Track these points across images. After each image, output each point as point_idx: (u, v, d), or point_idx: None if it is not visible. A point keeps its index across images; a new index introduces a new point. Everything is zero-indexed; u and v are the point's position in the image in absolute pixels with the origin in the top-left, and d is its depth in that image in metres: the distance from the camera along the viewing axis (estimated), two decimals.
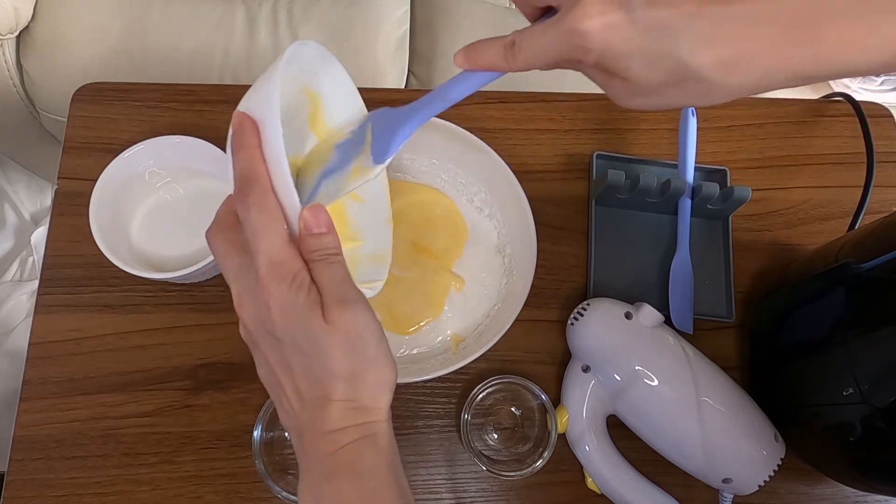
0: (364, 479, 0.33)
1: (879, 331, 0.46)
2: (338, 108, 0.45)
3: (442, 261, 0.59)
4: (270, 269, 0.32)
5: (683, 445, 0.51)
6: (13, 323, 1.14)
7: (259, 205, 0.33)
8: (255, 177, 0.33)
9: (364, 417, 0.34)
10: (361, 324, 0.33)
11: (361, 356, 0.33)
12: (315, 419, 0.33)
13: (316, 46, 0.40)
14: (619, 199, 0.62)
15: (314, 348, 0.32)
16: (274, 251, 0.32)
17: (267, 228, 0.32)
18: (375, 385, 0.34)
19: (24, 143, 1.10)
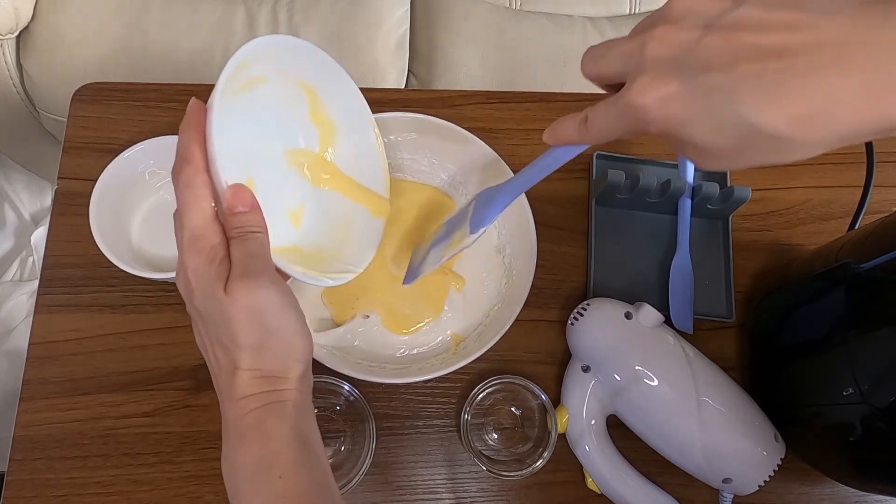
0: (266, 443, 0.35)
1: (879, 331, 0.46)
2: (335, 100, 0.48)
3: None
4: (190, 243, 0.35)
5: (683, 445, 0.51)
6: (13, 323, 1.14)
7: (187, 182, 0.35)
8: (187, 157, 0.35)
9: (270, 385, 0.35)
10: (261, 297, 0.34)
11: (263, 328, 0.34)
12: (228, 385, 0.36)
13: (299, 42, 0.43)
14: (619, 199, 0.62)
15: (221, 319, 0.34)
16: (195, 226, 0.35)
17: (192, 205, 0.35)
18: (281, 356, 0.36)
19: (24, 143, 1.10)
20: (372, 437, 0.52)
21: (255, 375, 0.35)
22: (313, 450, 0.36)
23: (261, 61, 0.41)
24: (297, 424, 0.36)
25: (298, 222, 0.49)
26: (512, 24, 1.01)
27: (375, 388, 0.55)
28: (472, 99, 0.66)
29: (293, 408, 0.36)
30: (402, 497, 0.54)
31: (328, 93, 0.48)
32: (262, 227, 0.37)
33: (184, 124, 0.36)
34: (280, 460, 0.35)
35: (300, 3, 0.97)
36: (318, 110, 0.48)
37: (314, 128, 0.49)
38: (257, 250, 0.36)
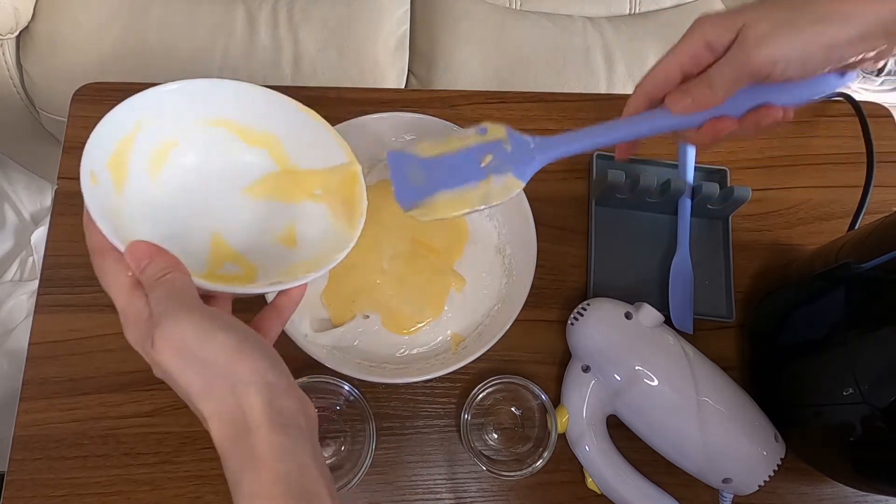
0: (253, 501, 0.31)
1: (879, 331, 0.46)
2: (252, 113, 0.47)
3: (443, 258, 0.58)
4: (123, 321, 0.35)
5: (683, 445, 0.51)
6: (13, 323, 1.14)
7: (101, 268, 0.37)
8: (91, 247, 0.37)
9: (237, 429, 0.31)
10: (177, 332, 0.32)
11: (197, 366, 0.32)
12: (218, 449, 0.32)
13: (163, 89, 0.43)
14: (619, 199, 0.62)
15: (167, 376, 0.33)
16: (121, 304, 0.36)
17: (113, 285, 0.36)
18: (229, 385, 0.32)
19: (24, 143, 1.10)
20: (372, 437, 0.52)
21: (219, 421, 0.32)
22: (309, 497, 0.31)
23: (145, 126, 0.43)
24: (280, 471, 0.31)
25: (293, 243, 0.49)
26: (512, 24, 1.01)
27: (375, 388, 0.55)
28: (472, 99, 0.66)
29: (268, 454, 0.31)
30: (402, 497, 0.54)
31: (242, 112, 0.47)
32: (170, 265, 0.35)
33: (84, 221, 0.37)
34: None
35: (300, 3, 0.97)
36: (248, 134, 0.48)
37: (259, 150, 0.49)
38: (165, 292, 0.34)
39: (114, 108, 0.41)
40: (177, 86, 0.43)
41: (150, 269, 0.35)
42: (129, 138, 0.42)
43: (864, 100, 0.67)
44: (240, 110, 0.47)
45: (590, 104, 0.67)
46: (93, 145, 0.39)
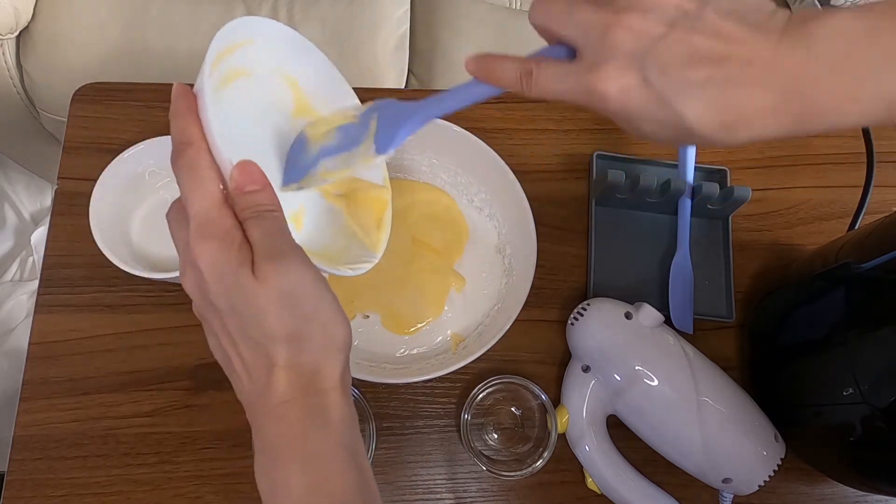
0: (313, 462, 0.31)
1: (879, 331, 0.46)
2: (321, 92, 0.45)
3: (443, 258, 0.59)
4: (200, 229, 0.31)
5: (683, 445, 0.51)
6: (13, 323, 1.14)
7: (189, 166, 0.32)
8: (186, 139, 0.32)
9: (311, 385, 0.31)
10: (296, 278, 0.31)
11: (299, 313, 0.31)
12: (261, 392, 0.32)
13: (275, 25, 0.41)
14: (619, 199, 0.62)
15: (249, 309, 0.30)
16: (203, 211, 0.31)
17: (197, 189, 0.31)
18: (321, 346, 0.32)
19: (24, 143, 1.10)
20: (372, 437, 0.52)
21: (292, 374, 0.31)
22: (363, 468, 0.33)
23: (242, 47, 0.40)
24: (346, 439, 0.32)
25: (299, 225, 0.48)
26: (512, 24, 1.01)
27: (375, 388, 0.55)
28: None
29: (339, 417, 0.32)
30: (402, 497, 0.54)
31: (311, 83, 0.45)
32: (277, 206, 0.33)
33: (174, 111, 0.33)
34: (331, 485, 0.31)
35: (300, 3, 0.97)
36: (302, 104, 0.46)
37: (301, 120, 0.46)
38: (278, 229, 0.32)
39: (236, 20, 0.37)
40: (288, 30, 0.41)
41: (259, 196, 0.32)
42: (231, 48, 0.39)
43: None
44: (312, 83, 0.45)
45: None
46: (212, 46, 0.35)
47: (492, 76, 0.34)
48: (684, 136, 0.31)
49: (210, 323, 0.33)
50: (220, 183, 0.32)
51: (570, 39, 0.32)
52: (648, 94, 0.30)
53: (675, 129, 0.30)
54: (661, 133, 0.31)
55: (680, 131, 0.30)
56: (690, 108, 0.29)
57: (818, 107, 0.28)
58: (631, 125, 0.32)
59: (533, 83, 0.33)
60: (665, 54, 0.29)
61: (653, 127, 0.31)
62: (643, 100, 0.30)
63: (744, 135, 0.30)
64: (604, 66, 0.30)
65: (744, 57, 0.29)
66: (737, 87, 0.29)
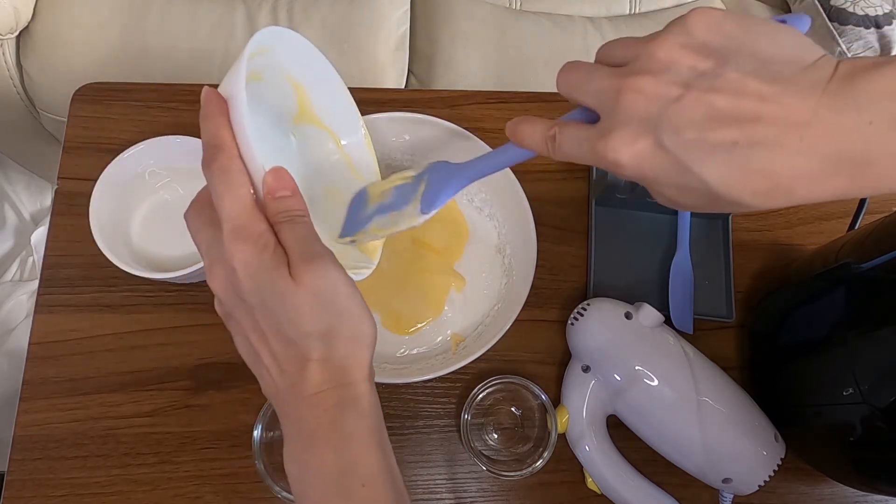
0: (345, 445, 0.33)
1: (879, 331, 0.46)
2: (323, 97, 0.46)
3: (443, 258, 0.59)
4: (234, 232, 0.32)
5: (683, 445, 0.51)
6: (13, 323, 1.14)
7: (222, 169, 0.33)
8: (218, 143, 0.33)
9: (343, 378, 0.33)
10: (331, 279, 0.33)
11: (333, 311, 0.33)
12: (294, 384, 0.33)
13: (295, 36, 0.42)
14: (619, 199, 0.62)
15: (284, 308, 0.32)
16: (236, 214, 0.32)
17: (230, 193, 0.33)
18: (351, 340, 0.34)
19: (24, 143, 1.10)
20: None
21: (326, 366, 0.33)
22: (390, 456, 0.35)
23: (261, 54, 0.40)
24: (375, 425, 0.34)
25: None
26: (512, 24, 1.01)
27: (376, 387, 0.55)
28: (472, 99, 0.66)
29: (369, 406, 0.34)
30: None
31: (316, 90, 0.46)
32: (306, 211, 0.34)
33: (205, 114, 0.34)
34: (361, 467, 0.33)
35: (300, 4, 0.97)
36: (306, 110, 0.47)
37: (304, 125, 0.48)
38: (310, 233, 0.34)
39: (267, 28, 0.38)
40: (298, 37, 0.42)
41: (290, 202, 0.34)
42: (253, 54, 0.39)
43: None
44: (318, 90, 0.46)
45: None
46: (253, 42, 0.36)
47: (522, 140, 0.35)
48: (713, 203, 0.29)
49: (238, 320, 0.34)
50: (251, 187, 0.34)
51: (591, 106, 0.32)
52: (664, 159, 0.28)
53: (700, 194, 0.29)
54: (688, 199, 0.30)
55: (706, 197, 0.28)
56: (714, 173, 0.27)
57: (878, 171, 0.26)
58: (653, 188, 0.31)
59: (556, 147, 0.33)
60: (679, 117, 0.28)
61: (676, 193, 0.30)
62: (659, 165, 0.29)
63: (783, 200, 0.27)
64: (614, 133, 0.29)
65: (776, 118, 0.26)
66: (770, 151, 0.26)
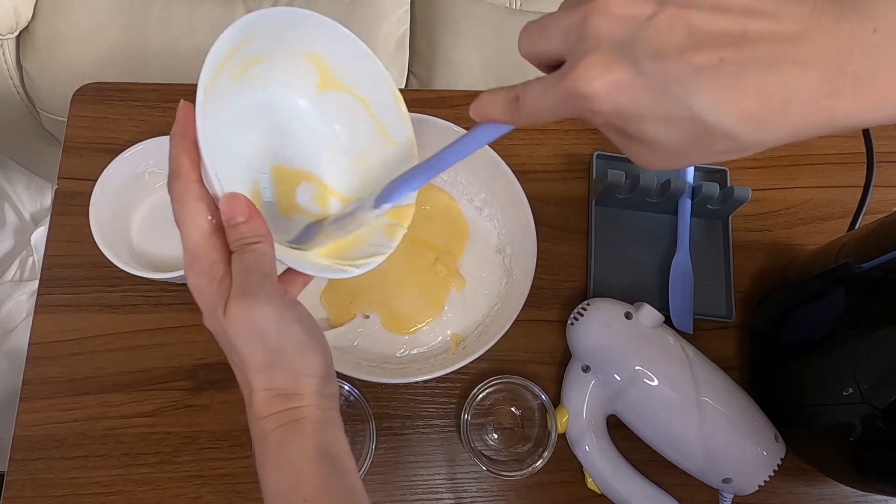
0: (288, 465, 0.34)
1: (879, 331, 0.46)
2: (347, 63, 0.44)
3: (443, 258, 0.58)
4: (190, 263, 0.33)
5: (683, 445, 0.51)
6: (13, 323, 1.14)
7: (178, 198, 0.33)
8: (176, 170, 0.33)
9: (286, 404, 0.34)
10: (258, 316, 0.32)
11: (265, 348, 0.33)
12: (248, 405, 0.35)
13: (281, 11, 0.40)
14: (619, 199, 0.62)
15: (227, 341, 0.33)
16: (193, 246, 0.33)
17: (186, 221, 0.33)
18: (290, 373, 0.34)
19: (24, 143, 1.10)
20: (372, 437, 0.52)
21: (269, 395, 0.34)
22: (340, 465, 0.35)
23: (253, 41, 0.39)
24: (320, 441, 0.34)
25: (325, 204, 0.47)
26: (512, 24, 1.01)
27: (375, 388, 0.55)
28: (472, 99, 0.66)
29: (312, 425, 0.34)
30: (402, 497, 0.54)
31: (334, 56, 0.44)
32: (262, 235, 0.34)
33: (173, 133, 0.34)
34: (303, 483, 0.33)
35: (299, 3, 0.97)
36: (328, 77, 0.45)
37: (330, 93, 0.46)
38: (254, 263, 0.33)
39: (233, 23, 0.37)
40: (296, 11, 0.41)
41: (243, 229, 0.33)
42: (235, 49, 0.39)
43: None
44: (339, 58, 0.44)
45: None
46: (209, 58, 0.36)
47: (483, 112, 0.32)
48: (700, 137, 0.25)
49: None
50: (210, 213, 0.34)
51: (556, 52, 0.28)
52: (644, 87, 0.25)
53: (685, 127, 0.25)
54: (671, 135, 0.26)
55: (692, 129, 0.25)
56: (701, 97, 0.24)
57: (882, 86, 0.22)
58: (630, 129, 0.26)
59: (521, 107, 0.30)
60: (657, 38, 0.24)
61: (657, 128, 0.26)
62: (638, 95, 0.25)
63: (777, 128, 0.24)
64: (583, 60, 0.25)
65: (765, 32, 0.23)
66: (761, 68, 0.23)
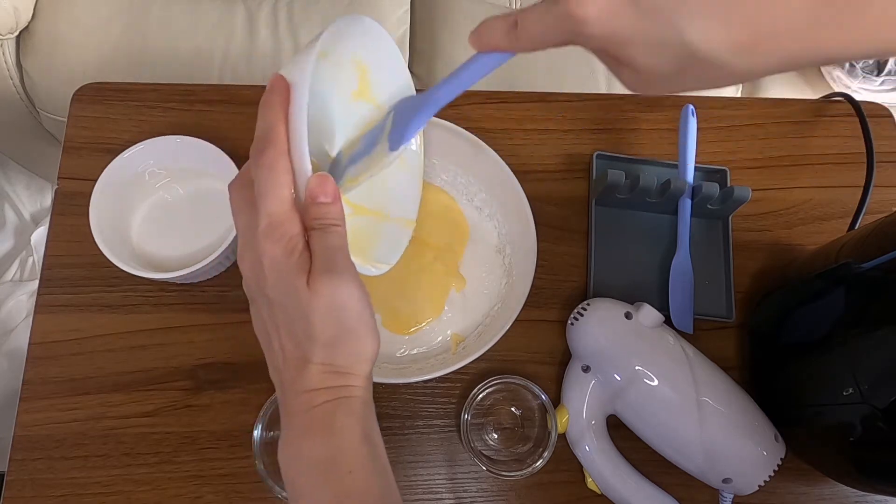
0: (335, 437, 0.34)
1: (879, 331, 0.46)
2: (384, 82, 0.45)
3: (443, 258, 0.58)
4: (268, 230, 0.33)
5: (683, 445, 0.51)
6: (13, 323, 1.14)
7: (269, 166, 0.33)
8: (271, 138, 0.33)
9: (340, 381, 0.35)
10: (345, 294, 0.33)
11: (341, 325, 0.34)
12: (294, 379, 0.34)
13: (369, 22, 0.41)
14: (619, 199, 0.62)
15: (298, 311, 0.33)
16: (274, 212, 0.33)
17: (272, 190, 0.33)
18: (353, 354, 0.35)
19: (24, 143, 1.10)
20: None
21: (325, 370, 0.34)
22: (379, 450, 0.36)
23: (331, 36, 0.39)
24: (366, 422, 0.35)
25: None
26: None
27: (375, 388, 0.55)
28: (472, 99, 0.66)
29: (362, 405, 0.35)
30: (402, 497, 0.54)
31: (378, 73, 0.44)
32: (342, 221, 0.35)
33: (266, 102, 0.34)
34: (349, 457, 0.34)
35: (300, 3, 0.97)
36: (365, 90, 0.45)
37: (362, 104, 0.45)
38: (339, 244, 0.34)
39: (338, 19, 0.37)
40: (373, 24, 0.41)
41: (329, 210, 0.34)
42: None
43: (864, 100, 0.67)
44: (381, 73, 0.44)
45: (590, 104, 0.67)
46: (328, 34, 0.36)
47: (483, 41, 0.32)
48: (690, 63, 0.26)
49: (259, 306, 0.36)
50: (293, 187, 0.34)
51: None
52: (637, 12, 0.25)
53: (675, 54, 0.25)
54: (660, 62, 0.26)
55: (681, 57, 0.25)
56: (693, 26, 0.24)
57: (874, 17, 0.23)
58: (622, 54, 0.27)
59: (520, 32, 0.30)
60: None
61: (648, 54, 0.26)
62: (632, 19, 0.25)
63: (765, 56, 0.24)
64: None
65: None
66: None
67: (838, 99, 0.69)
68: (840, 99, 0.69)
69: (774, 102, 0.70)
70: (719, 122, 0.68)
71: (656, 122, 0.67)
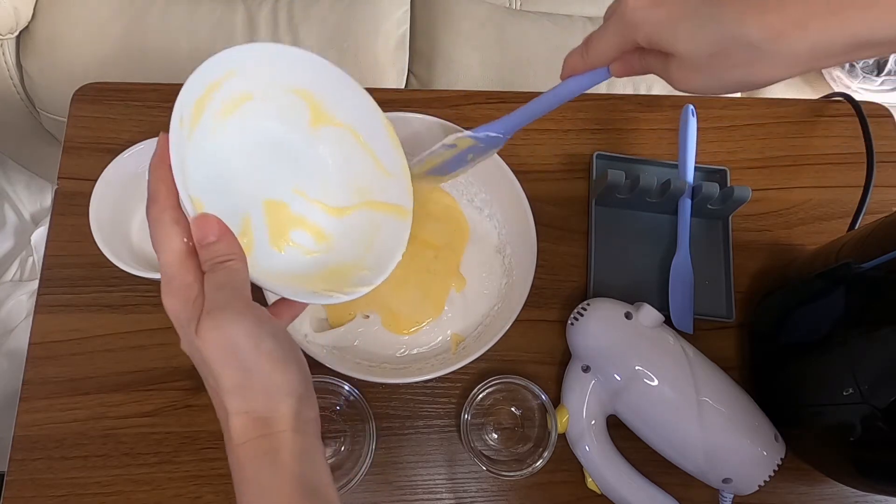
0: (263, 497, 0.33)
1: (879, 331, 0.46)
2: (336, 97, 0.46)
3: (443, 258, 0.58)
4: (165, 284, 0.34)
5: (683, 445, 0.51)
6: (13, 323, 1.14)
7: (154, 221, 0.34)
8: (152, 195, 0.35)
9: (262, 429, 0.33)
10: (231, 332, 0.32)
11: (240, 365, 0.32)
12: (225, 431, 0.34)
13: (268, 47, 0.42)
14: (619, 199, 0.62)
15: (201, 362, 0.33)
16: (167, 267, 0.34)
17: (163, 246, 0.34)
18: (264, 392, 0.33)
19: (24, 143, 1.10)
20: (372, 437, 0.52)
21: (245, 419, 0.33)
22: (321, 497, 0.34)
23: (236, 75, 0.40)
24: (297, 471, 0.33)
25: (322, 238, 0.48)
26: (512, 24, 1.01)
27: (375, 388, 0.55)
28: (472, 99, 0.66)
29: (289, 455, 0.33)
30: (402, 497, 0.54)
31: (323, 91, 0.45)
32: (235, 253, 0.34)
33: (151, 160, 0.35)
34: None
35: (300, 3, 0.97)
36: (319, 113, 0.46)
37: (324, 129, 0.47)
38: (226, 280, 0.33)
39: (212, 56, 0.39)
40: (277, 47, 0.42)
41: (215, 248, 0.34)
42: (216, 83, 0.40)
43: (864, 100, 0.67)
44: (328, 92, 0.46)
45: (590, 104, 0.67)
46: (187, 89, 0.37)
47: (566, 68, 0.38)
48: (725, 45, 0.28)
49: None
50: (186, 237, 0.34)
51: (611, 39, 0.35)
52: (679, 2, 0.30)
53: (713, 36, 0.29)
54: (699, 46, 0.29)
55: (719, 37, 0.28)
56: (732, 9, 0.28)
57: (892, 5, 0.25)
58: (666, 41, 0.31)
59: (588, 49, 0.36)
60: None
61: (689, 38, 0.30)
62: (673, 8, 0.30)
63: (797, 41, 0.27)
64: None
65: None
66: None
67: (838, 99, 0.69)
68: (840, 99, 0.69)
69: (774, 102, 0.70)
70: (719, 122, 0.68)
71: (656, 122, 0.67)
